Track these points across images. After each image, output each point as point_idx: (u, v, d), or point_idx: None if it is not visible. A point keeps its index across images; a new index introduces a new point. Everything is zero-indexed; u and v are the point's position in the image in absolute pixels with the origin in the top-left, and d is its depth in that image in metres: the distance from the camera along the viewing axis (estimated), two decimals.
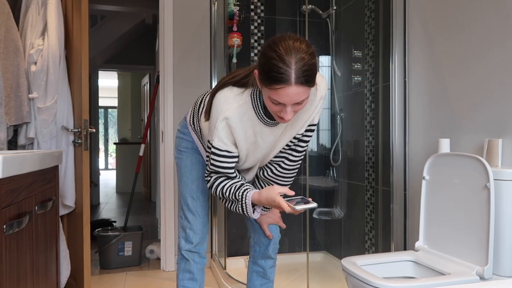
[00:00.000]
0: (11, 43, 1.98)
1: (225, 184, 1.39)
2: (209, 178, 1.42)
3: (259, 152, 1.41)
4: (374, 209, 2.45)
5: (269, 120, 1.32)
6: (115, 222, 3.97)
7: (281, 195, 1.32)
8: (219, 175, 1.40)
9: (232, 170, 1.39)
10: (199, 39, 2.95)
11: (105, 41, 5.31)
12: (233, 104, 1.29)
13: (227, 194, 1.39)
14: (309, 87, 1.16)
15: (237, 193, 1.37)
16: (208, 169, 1.40)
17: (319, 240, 3.11)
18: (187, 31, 2.94)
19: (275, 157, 1.51)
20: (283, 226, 1.65)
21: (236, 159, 1.38)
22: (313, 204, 1.29)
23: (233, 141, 1.35)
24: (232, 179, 1.40)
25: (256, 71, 1.22)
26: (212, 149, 1.34)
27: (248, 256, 2.90)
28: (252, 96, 1.30)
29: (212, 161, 1.36)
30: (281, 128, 1.38)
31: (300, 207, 1.26)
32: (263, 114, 1.31)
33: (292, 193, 1.33)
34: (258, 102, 1.30)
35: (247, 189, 1.37)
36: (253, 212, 1.40)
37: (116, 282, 2.70)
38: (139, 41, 6.25)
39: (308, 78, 1.13)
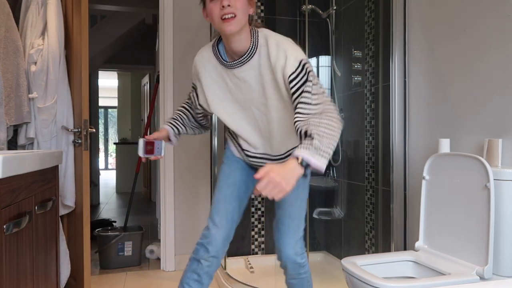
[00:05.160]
0: (11, 43, 1.98)
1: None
2: None
3: (240, 100, 1.50)
4: (374, 209, 2.45)
5: (228, 62, 1.47)
6: (115, 222, 3.97)
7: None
8: None
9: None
10: (199, 39, 2.95)
11: (105, 41, 5.31)
12: (201, 51, 1.56)
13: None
14: None
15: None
16: None
17: (319, 240, 3.11)
18: (187, 31, 2.94)
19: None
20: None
21: (190, 100, 1.71)
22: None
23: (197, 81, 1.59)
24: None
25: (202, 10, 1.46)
26: None
27: (247, 256, 2.91)
28: (213, 44, 1.52)
29: None
30: (247, 71, 1.43)
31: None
32: (221, 57, 1.49)
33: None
34: (217, 48, 1.50)
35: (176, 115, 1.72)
36: None
37: (116, 282, 2.70)
38: (139, 41, 6.25)
39: None
